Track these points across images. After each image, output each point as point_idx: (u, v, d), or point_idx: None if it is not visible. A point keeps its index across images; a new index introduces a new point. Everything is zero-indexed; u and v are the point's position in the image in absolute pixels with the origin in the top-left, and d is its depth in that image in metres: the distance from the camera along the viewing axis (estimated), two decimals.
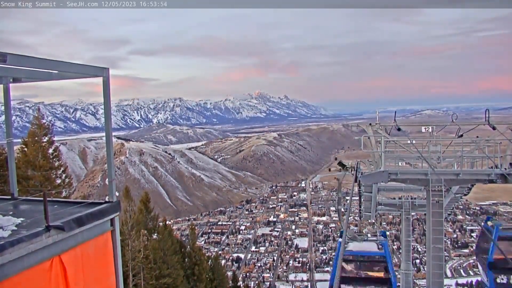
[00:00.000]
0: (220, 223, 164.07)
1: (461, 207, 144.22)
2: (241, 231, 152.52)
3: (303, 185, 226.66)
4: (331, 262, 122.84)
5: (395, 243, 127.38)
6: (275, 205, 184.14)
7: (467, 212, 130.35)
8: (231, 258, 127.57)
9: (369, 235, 11.73)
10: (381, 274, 9.65)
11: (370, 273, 9.69)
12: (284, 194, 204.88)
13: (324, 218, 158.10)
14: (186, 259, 25.56)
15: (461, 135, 12.87)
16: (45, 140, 17.44)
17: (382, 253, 9.54)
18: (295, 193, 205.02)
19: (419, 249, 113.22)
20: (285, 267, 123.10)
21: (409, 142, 12.86)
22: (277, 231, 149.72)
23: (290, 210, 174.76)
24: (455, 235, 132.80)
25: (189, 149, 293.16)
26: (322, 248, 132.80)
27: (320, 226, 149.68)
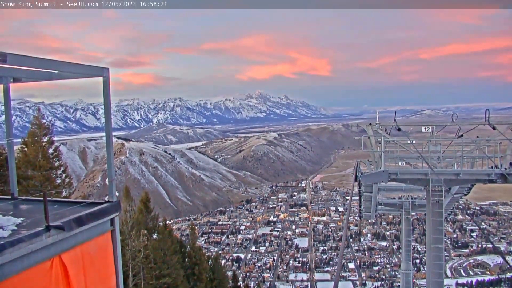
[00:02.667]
0: (220, 223, 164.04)
1: (461, 207, 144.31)
2: (241, 231, 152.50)
3: (303, 185, 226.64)
4: (331, 262, 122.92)
5: (395, 243, 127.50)
6: (275, 205, 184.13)
7: (467, 212, 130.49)
8: (231, 258, 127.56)
9: None
10: None
11: None
12: (284, 194, 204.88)
13: (324, 218, 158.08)
14: (186, 259, 25.56)
15: (461, 135, 12.87)
16: (45, 140, 17.43)
17: None
18: (295, 193, 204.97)
19: (419, 249, 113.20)
20: (285, 267, 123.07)
21: (409, 142, 12.86)
22: (277, 231, 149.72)
23: (290, 210, 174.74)
24: (455, 235, 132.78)
25: (189, 149, 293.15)
26: (322, 248, 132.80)
27: (320, 226, 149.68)
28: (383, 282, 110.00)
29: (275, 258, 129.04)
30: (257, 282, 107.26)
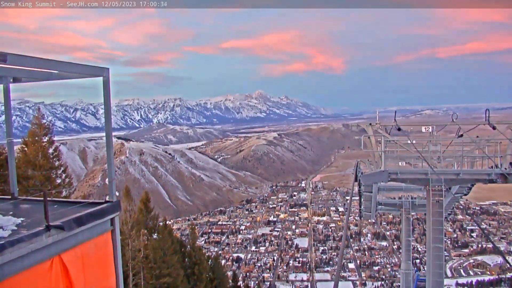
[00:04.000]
0: (220, 223, 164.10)
1: (461, 207, 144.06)
2: (241, 231, 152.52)
3: (303, 185, 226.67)
4: (331, 262, 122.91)
5: (395, 243, 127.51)
6: (275, 205, 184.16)
7: (467, 212, 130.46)
8: (231, 258, 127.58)
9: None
10: None
11: None
12: (284, 194, 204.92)
13: (324, 218, 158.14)
14: (186, 259, 25.58)
15: (461, 135, 12.85)
16: (45, 140, 17.44)
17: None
18: (295, 193, 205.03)
19: (419, 249, 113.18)
20: (285, 267, 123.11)
21: (409, 142, 12.85)
22: (277, 231, 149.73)
23: (290, 210, 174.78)
24: (455, 235, 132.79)
25: (189, 149, 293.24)
26: (322, 248, 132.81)
27: (320, 226, 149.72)
28: (383, 282, 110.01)
29: (275, 258, 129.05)
30: (257, 282, 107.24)
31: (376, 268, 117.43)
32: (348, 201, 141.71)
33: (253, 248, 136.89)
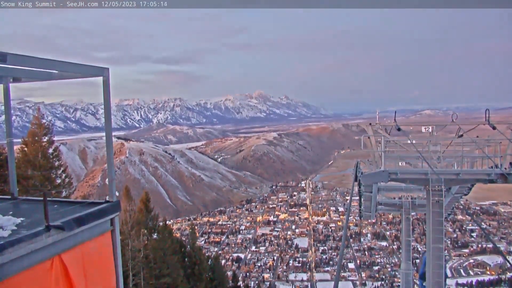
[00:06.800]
0: (220, 223, 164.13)
1: (461, 207, 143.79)
2: (241, 231, 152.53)
3: (303, 185, 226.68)
4: (331, 262, 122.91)
5: (395, 243, 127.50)
6: (275, 205, 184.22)
7: (467, 212, 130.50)
8: (231, 258, 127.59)
9: None
10: None
11: None
12: (284, 194, 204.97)
13: (324, 218, 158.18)
14: (186, 259, 25.61)
15: (461, 135, 12.84)
16: (45, 140, 17.46)
17: None
18: (295, 193, 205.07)
19: (419, 249, 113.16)
20: (285, 267, 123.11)
21: (409, 142, 12.84)
22: (277, 231, 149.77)
23: (290, 210, 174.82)
24: (455, 235, 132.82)
25: (189, 149, 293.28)
26: (322, 248, 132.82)
27: (320, 226, 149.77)
28: (383, 282, 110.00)
29: (275, 258, 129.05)
30: (257, 282, 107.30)
31: (376, 268, 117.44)
32: (348, 201, 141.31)
33: (253, 248, 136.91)
